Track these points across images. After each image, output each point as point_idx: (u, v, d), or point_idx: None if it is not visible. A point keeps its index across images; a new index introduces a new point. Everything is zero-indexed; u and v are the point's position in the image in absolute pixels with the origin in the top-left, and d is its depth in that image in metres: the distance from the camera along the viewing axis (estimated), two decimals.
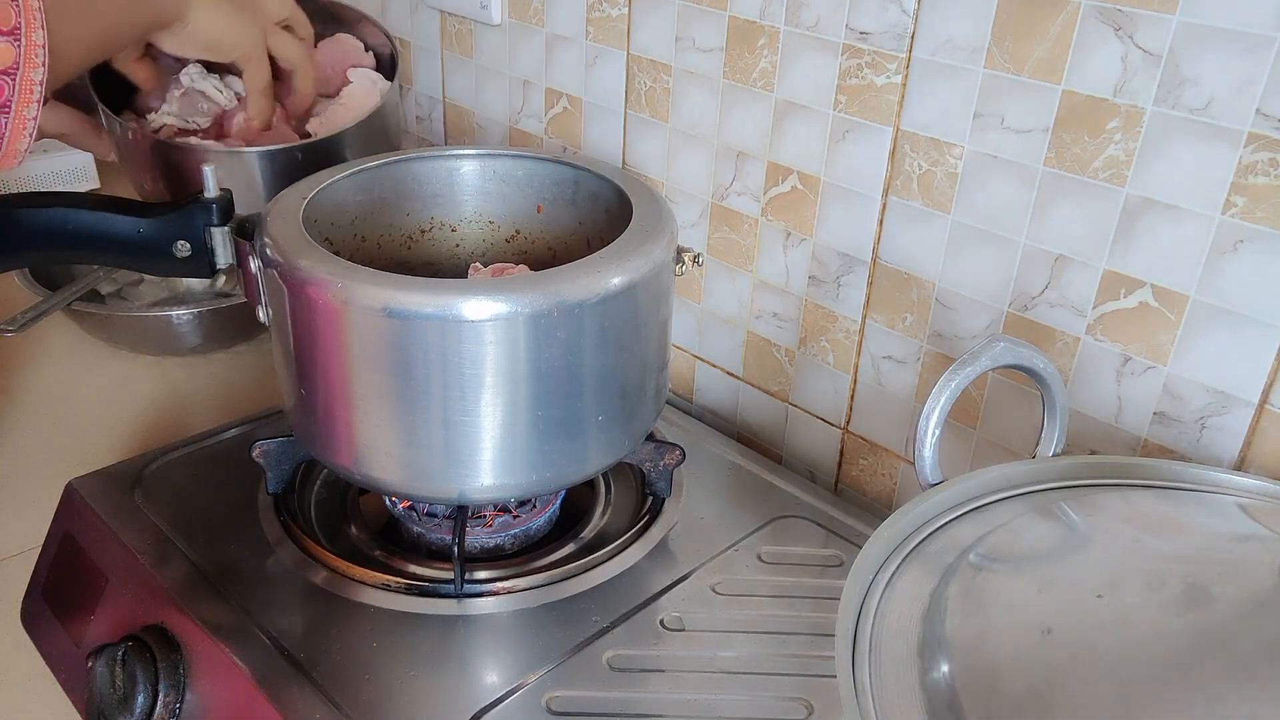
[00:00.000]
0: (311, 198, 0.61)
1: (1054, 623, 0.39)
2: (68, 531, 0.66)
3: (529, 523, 0.65)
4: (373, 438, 0.56)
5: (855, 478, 0.73)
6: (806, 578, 0.62)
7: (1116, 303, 0.56)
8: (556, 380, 0.55)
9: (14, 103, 0.52)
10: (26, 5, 0.51)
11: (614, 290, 0.54)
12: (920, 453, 0.47)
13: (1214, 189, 0.51)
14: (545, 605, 0.59)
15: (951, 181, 0.61)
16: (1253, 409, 0.52)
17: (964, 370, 0.47)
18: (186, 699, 0.56)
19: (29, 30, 0.52)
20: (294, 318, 0.56)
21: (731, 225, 0.74)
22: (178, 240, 0.60)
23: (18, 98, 0.52)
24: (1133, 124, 0.52)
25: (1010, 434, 0.63)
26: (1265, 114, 0.48)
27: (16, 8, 0.51)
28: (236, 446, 0.71)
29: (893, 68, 0.61)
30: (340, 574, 0.60)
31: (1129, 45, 0.51)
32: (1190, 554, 0.43)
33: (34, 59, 0.52)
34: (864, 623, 0.41)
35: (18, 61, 0.51)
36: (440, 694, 0.53)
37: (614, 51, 0.77)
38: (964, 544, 0.44)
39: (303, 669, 0.54)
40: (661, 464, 0.66)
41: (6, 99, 0.52)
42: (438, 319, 0.52)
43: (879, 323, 0.68)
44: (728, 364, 0.79)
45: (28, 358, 0.94)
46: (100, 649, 0.56)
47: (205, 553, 0.62)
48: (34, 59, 0.52)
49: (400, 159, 0.69)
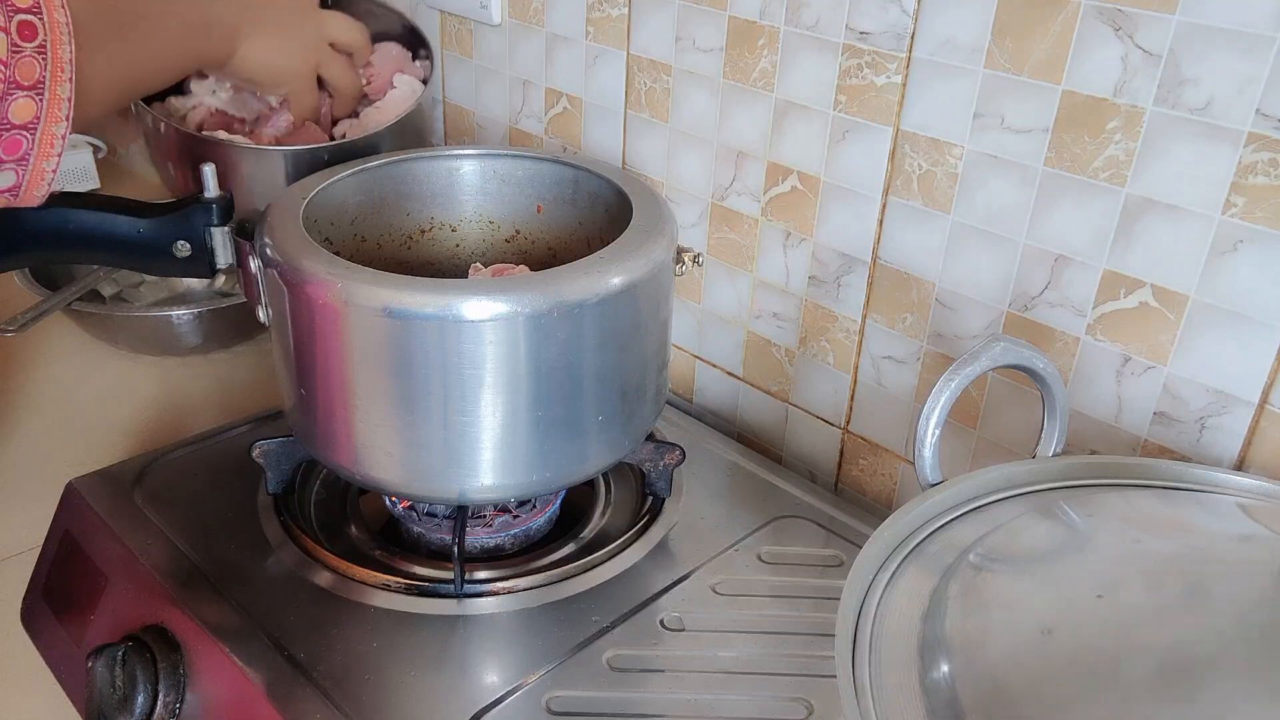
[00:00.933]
0: (311, 198, 0.61)
1: (1054, 623, 0.39)
2: (68, 531, 0.66)
3: (529, 523, 0.65)
4: (373, 438, 0.56)
5: (855, 478, 0.73)
6: (806, 578, 0.62)
7: (1116, 303, 0.56)
8: (556, 380, 0.55)
9: (32, 155, 0.50)
10: (55, 58, 0.49)
11: (614, 290, 0.54)
12: (920, 453, 0.47)
13: (1214, 189, 0.51)
14: (545, 605, 0.59)
15: (951, 181, 0.61)
16: (1253, 409, 0.52)
17: (964, 370, 0.47)
18: (186, 699, 0.56)
19: (54, 84, 0.49)
20: (294, 318, 0.56)
21: (731, 225, 0.74)
22: (178, 240, 0.60)
23: (37, 150, 0.50)
24: (1133, 124, 0.52)
25: (1010, 434, 0.63)
26: (1265, 114, 0.48)
27: (43, 60, 0.48)
28: (236, 446, 0.71)
29: (893, 68, 0.61)
30: (340, 574, 0.60)
31: (1129, 45, 0.51)
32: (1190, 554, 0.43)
33: (57, 113, 0.50)
34: (864, 623, 0.41)
35: (39, 115, 0.49)
36: (440, 694, 0.53)
37: (614, 51, 0.77)
38: (964, 544, 0.44)
39: (303, 669, 0.54)
40: (661, 464, 0.66)
41: (25, 152, 0.49)
42: (438, 319, 0.52)
43: (879, 323, 0.68)
44: (728, 364, 0.79)
45: (28, 358, 0.94)
46: (100, 649, 0.56)
47: (205, 553, 0.62)
48: (57, 113, 0.50)
49: (400, 159, 0.69)
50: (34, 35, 0.47)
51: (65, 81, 0.49)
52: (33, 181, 0.50)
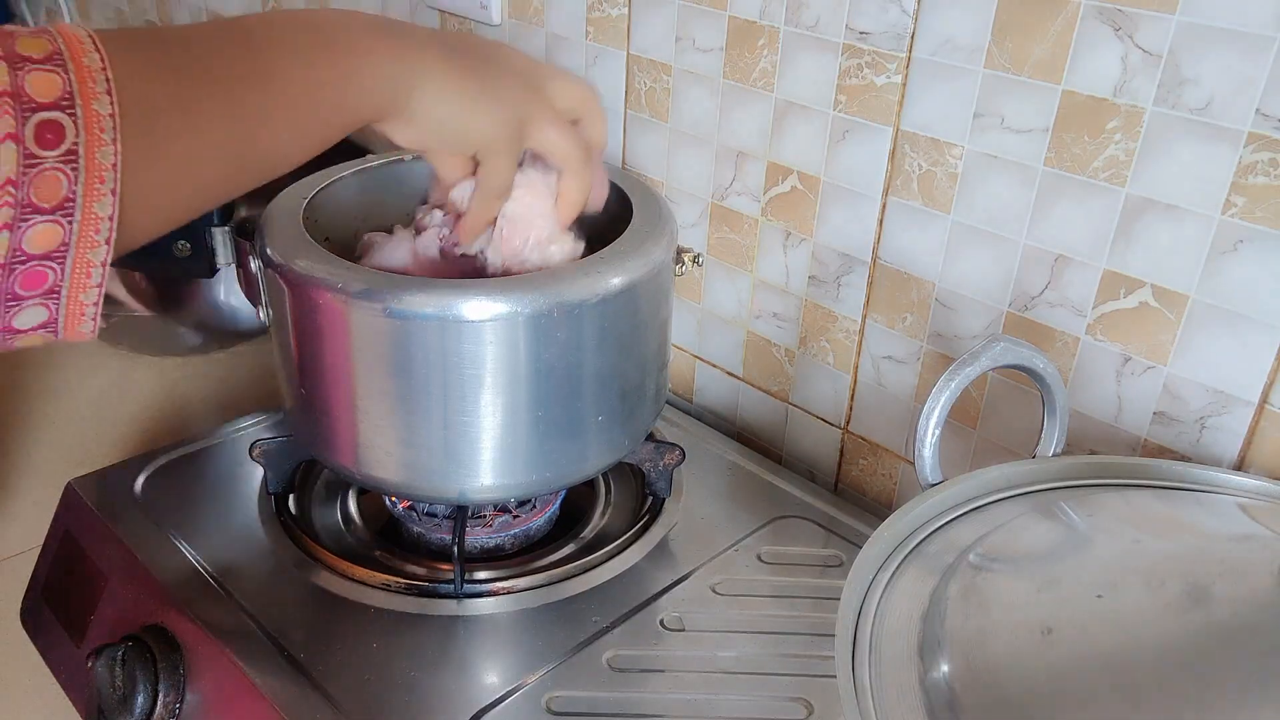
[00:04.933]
0: (311, 198, 0.61)
1: (1054, 623, 0.39)
2: (68, 531, 0.66)
3: (529, 523, 0.65)
4: (373, 438, 0.56)
5: (855, 478, 0.73)
6: (806, 578, 0.62)
7: (1116, 303, 0.56)
8: (556, 380, 0.55)
9: (64, 288, 0.38)
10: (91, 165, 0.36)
11: (614, 290, 0.54)
12: (920, 453, 0.47)
13: (1214, 189, 0.51)
14: (545, 605, 0.59)
15: (951, 181, 0.61)
16: (1253, 409, 0.52)
17: (964, 370, 0.47)
18: (186, 699, 0.56)
19: (89, 200, 0.37)
20: (294, 318, 0.56)
21: (731, 225, 0.74)
22: (178, 240, 0.60)
23: (69, 283, 0.38)
24: (1133, 124, 0.52)
25: (1010, 434, 0.63)
26: (1265, 114, 0.48)
27: (73, 171, 0.36)
28: (236, 446, 0.71)
29: (893, 68, 0.61)
30: (340, 574, 0.60)
31: (1129, 45, 0.51)
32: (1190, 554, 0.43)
33: (93, 237, 0.38)
34: (864, 623, 0.41)
35: (66, 242, 0.37)
36: (440, 694, 0.53)
37: (614, 51, 0.77)
38: (964, 544, 0.44)
39: (303, 669, 0.54)
40: (661, 464, 0.66)
41: (53, 285, 0.38)
42: (438, 319, 0.52)
43: (879, 323, 0.68)
44: (728, 364, 0.79)
45: (28, 358, 0.94)
46: (100, 649, 0.56)
47: (205, 553, 0.62)
48: (93, 237, 0.38)
49: (400, 159, 0.69)
50: (60, 139, 0.36)
51: (105, 195, 0.37)
52: (72, 317, 0.39)
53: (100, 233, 0.38)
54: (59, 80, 0.35)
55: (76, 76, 0.36)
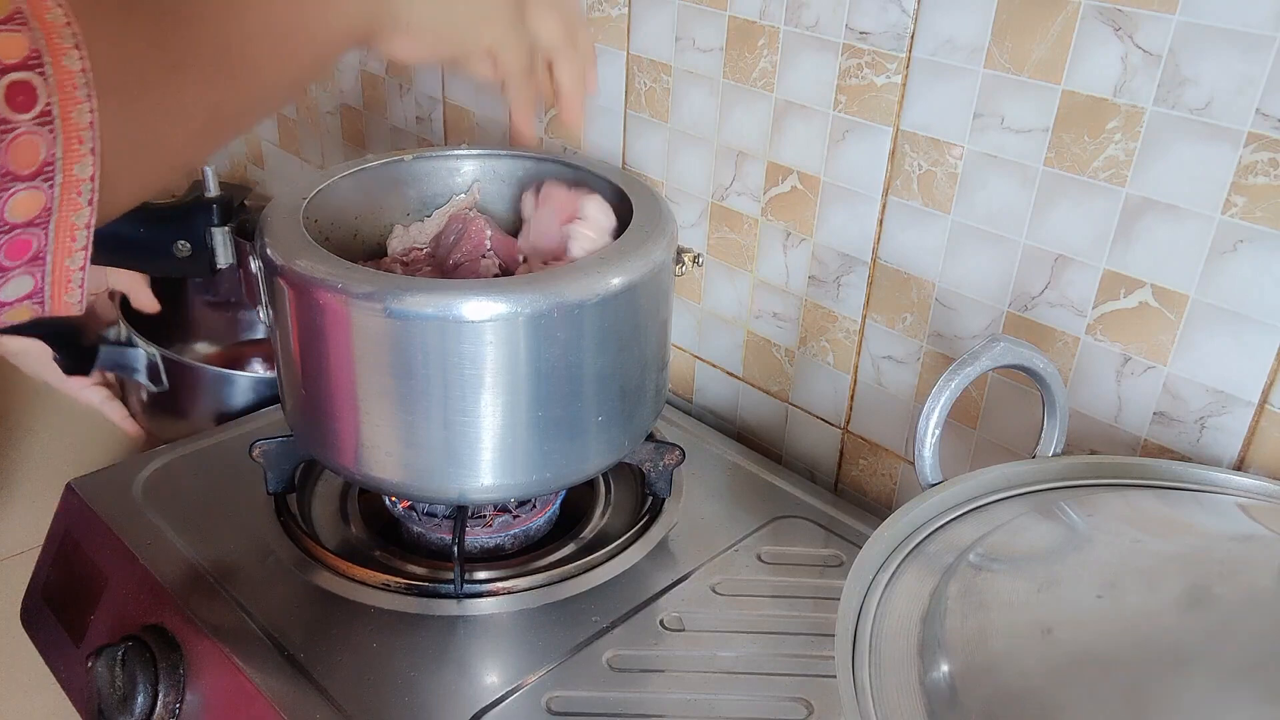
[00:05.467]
0: (311, 198, 0.61)
1: (1054, 623, 0.39)
2: (68, 531, 0.66)
3: (529, 523, 0.65)
4: (373, 438, 0.56)
5: (855, 478, 0.73)
6: (806, 578, 0.62)
7: (1116, 303, 0.56)
8: (556, 380, 0.55)
9: (49, 254, 0.37)
10: (68, 125, 0.35)
11: (614, 290, 0.54)
12: (920, 453, 0.47)
13: (1214, 189, 0.51)
14: (545, 605, 0.59)
15: (951, 181, 0.61)
16: (1253, 409, 0.52)
17: (964, 370, 0.47)
18: (186, 699, 0.56)
19: (68, 162, 0.35)
20: (294, 318, 0.56)
21: (731, 225, 0.74)
22: (178, 240, 0.60)
23: (54, 247, 0.37)
24: (1133, 124, 0.52)
25: (1010, 434, 0.63)
26: (1265, 114, 0.48)
27: (49, 134, 0.35)
28: (236, 446, 0.71)
29: (892, 68, 0.61)
30: (340, 574, 0.60)
31: (1129, 45, 0.51)
32: (1190, 554, 0.43)
33: (75, 200, 0.36)
34: (864, 623, 0.41)
35: (49, 207, 0.36)
36: (440, 694, 0.53)
37: (614, 51, 0.77)
38: (964, 544, 0.44)
39: (303, 669, 0.54)
40: (661, 464, 0.66)
41: (38, 251, 0.37)
42: (438, 319, 0.52)
43: (879, 323, 0.68)
44: (728, 364, 0.79)
45: None
46: (100, 649, 0.56)
47: (205, 553, 0.62)
48: (75, 200, 0.36)
49: (400, 159, 0.69)
50: (32, 101, 0.34)
51: (85, 156, 0.36)
52: (58, 285, 0.38)
53: (82, 194, 0.36)
54: (24, 39, 0.33)
55: (43, 33, 0.34)
